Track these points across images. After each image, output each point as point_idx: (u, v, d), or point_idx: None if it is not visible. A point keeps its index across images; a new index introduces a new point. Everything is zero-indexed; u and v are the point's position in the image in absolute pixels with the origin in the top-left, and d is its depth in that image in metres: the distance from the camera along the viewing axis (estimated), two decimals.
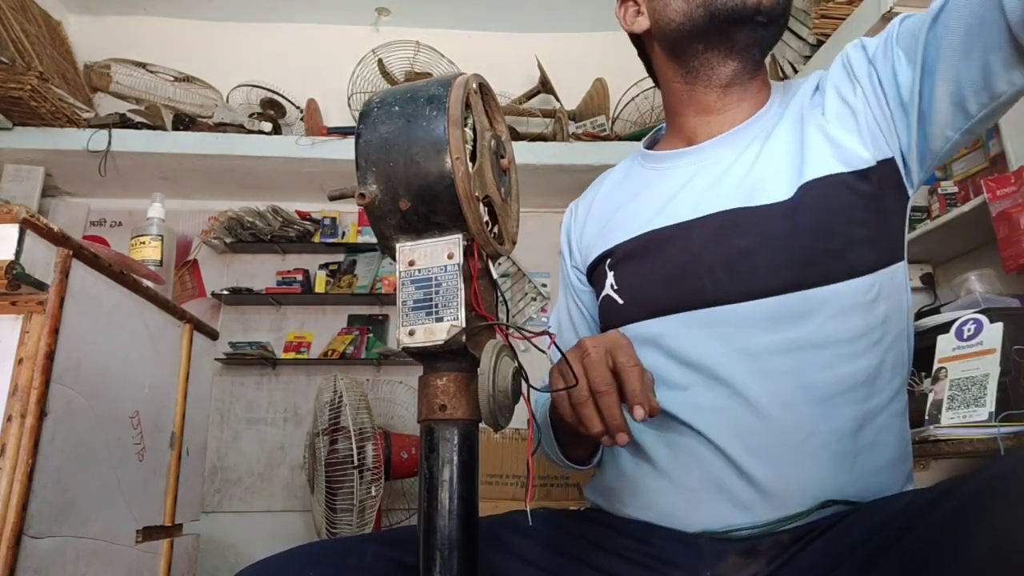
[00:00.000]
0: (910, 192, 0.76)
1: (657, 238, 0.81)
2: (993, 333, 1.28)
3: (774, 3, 0.77)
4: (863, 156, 0.73)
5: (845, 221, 0.72)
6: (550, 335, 0.61)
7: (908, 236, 0.78)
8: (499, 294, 0.61)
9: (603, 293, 0.86)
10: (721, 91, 0.84)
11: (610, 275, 0.84)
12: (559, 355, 0.79)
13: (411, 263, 0.55)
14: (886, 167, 0.74)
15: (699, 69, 0.84)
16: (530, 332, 0.59)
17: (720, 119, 0.85)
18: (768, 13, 0.77)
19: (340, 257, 3.32)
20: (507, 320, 0.60)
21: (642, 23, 0.87)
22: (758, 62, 0.85)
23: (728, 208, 0.77)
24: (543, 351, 0.92)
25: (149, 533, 1.27)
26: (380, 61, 3.15)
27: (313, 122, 3.09)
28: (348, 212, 3.33)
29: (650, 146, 0.94)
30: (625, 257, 0.84)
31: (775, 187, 0.75)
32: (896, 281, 0.75)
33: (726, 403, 0.72)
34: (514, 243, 0.63)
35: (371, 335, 3.22)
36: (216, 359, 2.93)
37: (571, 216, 0.98)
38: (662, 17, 0.84)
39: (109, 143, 2.83)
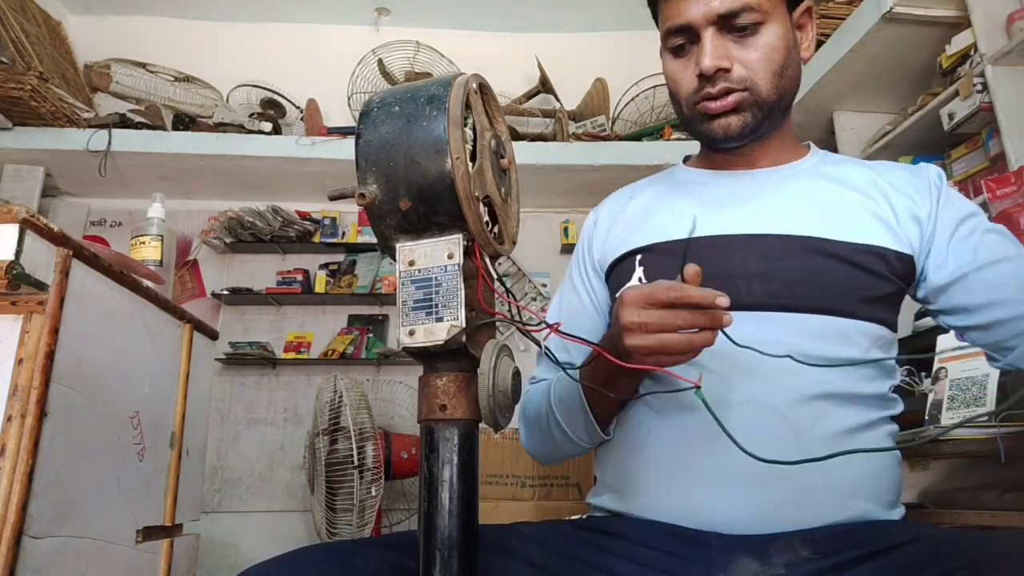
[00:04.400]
0: (915, 293, 0.84)
1: (697, 244, 0.83)
2: None
3: (740, 130, 0.81)
4: (898, 248, 0.80)
5: (872, 282, 0.78)
6: (552, 327, 0.61)
7: None
8: (505, 289, 0.60)
9: (628, 284, 0.86)
10: (734, 154, 0.88)
11: (639, 269, 0.86)
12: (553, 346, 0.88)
13: (411, 263, 0.55)
14: (907, 261, 0.81)
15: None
16: (536, 319, 0.59)
17: (748, 160, 0.89)
18: (737, 138, 0.83)
19: (340, 257, 3.32)
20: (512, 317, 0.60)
21: None
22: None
23: (774, 232, 0.81)
24: (539, 343, 0.92)
25: (149, 533, 1.26)
26: (380, 61, 3.15)
27: (313, 122, 3.09)
28: (348, 212, 3.33)
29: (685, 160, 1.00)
30: (660, 255, 0.86)
31: (820, 226, 0.80)
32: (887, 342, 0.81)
33: (739, 397, 0.74)
34: (514, 243, 0.63)
35: (371, 335, 3.22)
36: (216, 359, 2.93)
37: (594, 221, 1.00)
38: None
39: (109, 143, 2.83)
